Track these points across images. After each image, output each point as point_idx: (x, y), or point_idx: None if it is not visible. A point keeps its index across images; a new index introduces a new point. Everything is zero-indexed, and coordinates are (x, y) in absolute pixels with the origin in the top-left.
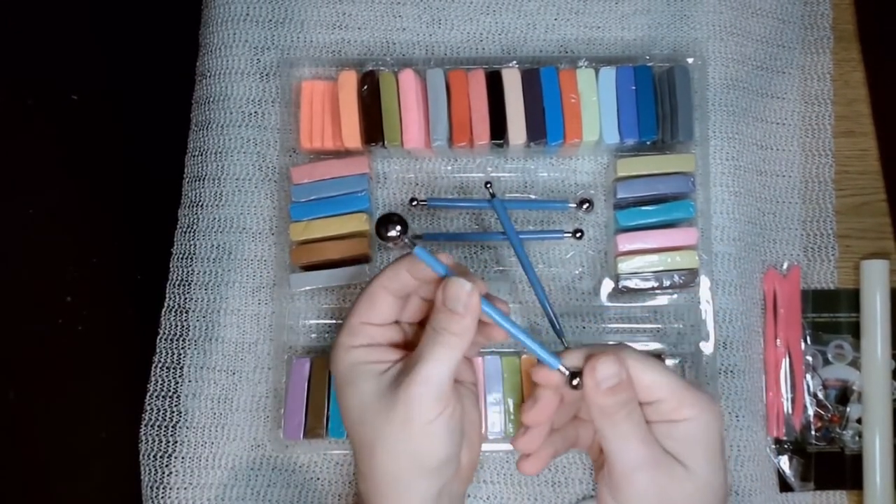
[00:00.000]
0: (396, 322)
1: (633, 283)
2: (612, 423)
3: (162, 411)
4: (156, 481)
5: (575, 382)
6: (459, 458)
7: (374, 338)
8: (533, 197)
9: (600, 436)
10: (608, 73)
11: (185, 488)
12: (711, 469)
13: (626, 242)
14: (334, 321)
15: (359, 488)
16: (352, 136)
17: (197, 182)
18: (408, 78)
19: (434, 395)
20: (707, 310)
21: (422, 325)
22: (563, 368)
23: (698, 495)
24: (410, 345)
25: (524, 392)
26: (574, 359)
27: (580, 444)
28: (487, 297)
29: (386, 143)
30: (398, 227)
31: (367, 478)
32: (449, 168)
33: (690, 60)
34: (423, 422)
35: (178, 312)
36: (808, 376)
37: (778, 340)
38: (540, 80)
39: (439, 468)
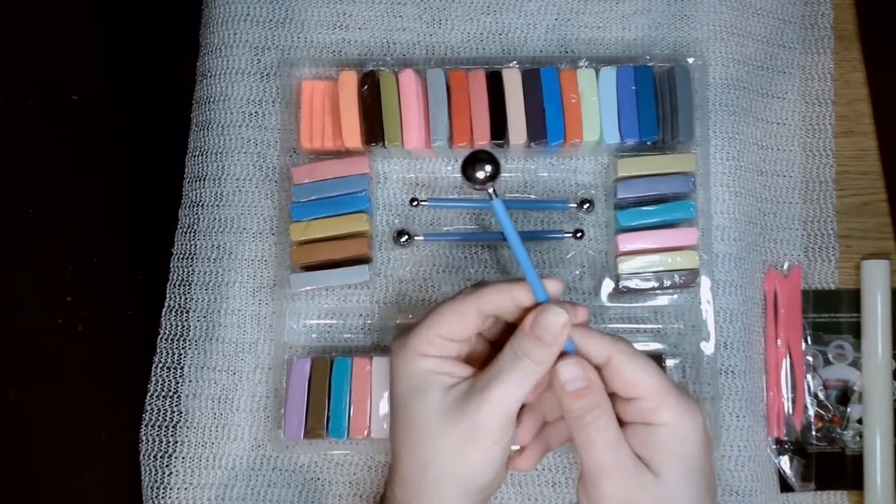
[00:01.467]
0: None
1: (633, 284)
2: (578, 426)
3: (162, 411)
4: (156, 481)
5: (480, 175)
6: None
7: (448, 351)
8: (533, 197)
9: (573, 436)
10: (609, 73)
11: (186, 488)
12: (684, 482)
13: (626, 242)
14: (334, 321)
15: (394, 492)
16: (352, 136)
17: (197, 182)
18: (408, 78)
19: (501, 421)
20: (707, 310)
21: (493, 344)
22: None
23: (662, 501)
24: (476, 359)
25: None
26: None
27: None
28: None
29: (386, 143)
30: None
31: (410, 486)
32: (449, 168)
33: (691, 60)
34: (485, 446)
35: (178, 312)
36: (809, 376)
37: (778, 340)
38: (540, 80)
39: (484, 489)
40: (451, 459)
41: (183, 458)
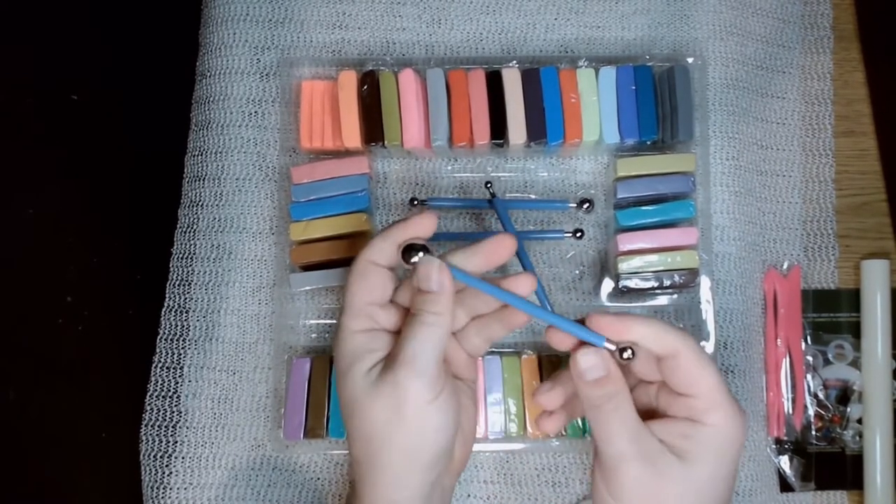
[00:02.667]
0: (397, 305)
1: (633, 283)
2: (598, 414)
3: (162, 411)
4: (156, 481)
5: (626, 356)
6: (453, 452)
7: (377, 321)
8: (533, 197)
9: (593, 428)
10: (608, 73)
11: (186, 488)
12: (715, 479)
13: (626, 242)
14: (334, 321)
15: (352, 476)
16: (352, 136)
17: (197, 182)
18: (408, 78)
19: (421, 376)
20: (707, 310)
21: None
22: (608, 346)
23: (692, 494)
24: None
25: (524, 392)
26: (599, 322)
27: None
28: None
29: (386, 143)
30: (420, 254)
31: (362, 466)
32: (449, 168)
33: (690, 60)
34: (414, 410)
35: (178, 312)
36: (809, 376)
37: (778, 340)
38: (540, 80)
39: (435, 459)
40: (388, 429)
41: (183, 458)
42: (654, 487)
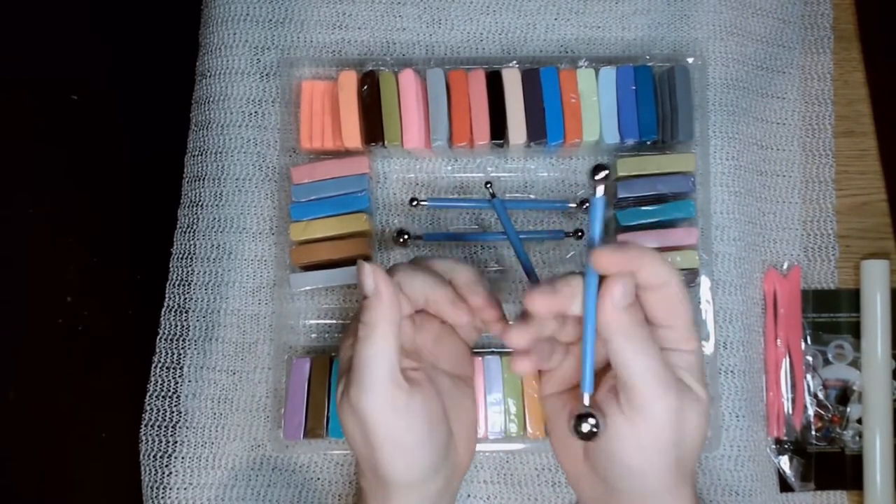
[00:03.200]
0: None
1: None
2: (627, 341)
3: (162, 411)
4: (156, 481)
5: (585, 429)
6: (454, 455)
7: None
8: (533, 197)
9: (619, 359)
10: (608, 73)
11: (185, 488)
12: (702, 396)
13: (627, 240)
14: (334, 321)
15: (360, 484)
16: (352, 136)
17: (197, 182)
18: (408, 78)
19: (370, 392)
20: (707, 310)
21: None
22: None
23: (702, 419)
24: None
25: (524, 392)
26: (604, 258)
27: (547, 363)
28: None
29: (386, 143)
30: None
31: (368, 478)
32: (449, 168)
33: (690, 60)
34: (379, 425)
35: (178, 312)
36: (809, 376)
37: (778, 340)
38: (540, 80)
39: (422, 481)
40: (369, 452)
41: (183, 458)
42: (682, 416)
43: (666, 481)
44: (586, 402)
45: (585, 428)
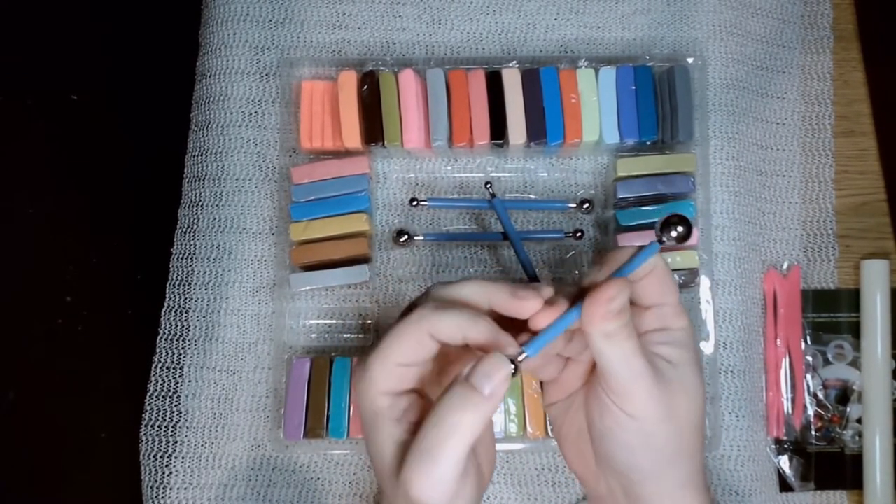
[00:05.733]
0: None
1: None
2: (613, 343)
3: (162, 411)
4: (156, 481)
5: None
6: (482, 476)
7: (406, 382)
8: (533, 197)
9: (600, 357)
10: (608, 73)
11: (186, 488)
12: (697, 372)
13: (626, 242)
14: (334, 321)
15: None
16: (352, 136)
17: (197, 182)
18: (408, 78)
19: (436, 483)
20: (707, 310)
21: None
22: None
23: (690, 394)
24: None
25: (524, 392)
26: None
27: (547, 374)
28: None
29: (386, 143)
30: (679, 228)
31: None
32: (449, 168)
33: (690, 60)
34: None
35: (178, 312)
36: (809, 376)
37: (778, 340)
38: (540, 80)
39: (475, 490)
40: None
41: (183, 458)
42: (667, 394)
43: (672, 462)
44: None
45: (674, 233)
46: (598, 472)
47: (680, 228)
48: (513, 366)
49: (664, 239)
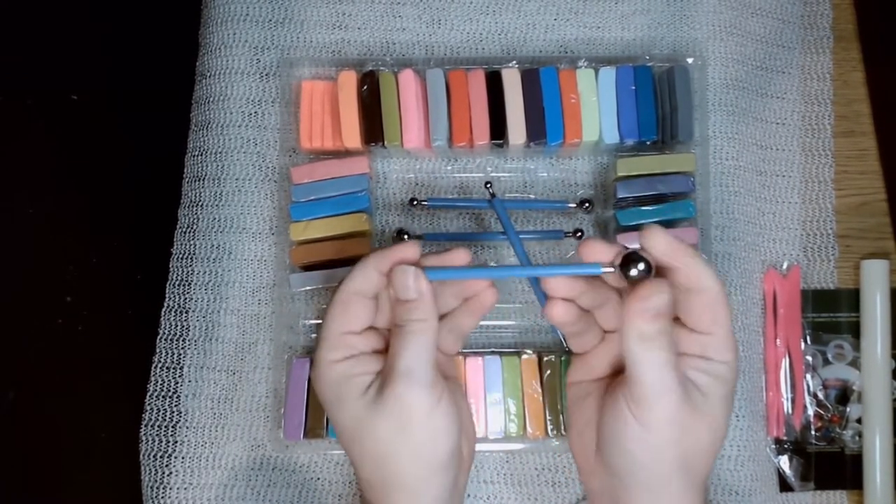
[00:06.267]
0: (374, 329)
1: None
2: (647, 348)
3: (162, 411)
4: (156, 481)
5: (634, 273)
6: (462, 451)
7: (356, 347)
8: (533, 197)
9: (632, 358)
10: (608, 73)
11: (185, 488)
12: (725, 410)
13: (626, 242)
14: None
15: (366, 499)
16: (352, 136)
17: (197, 182)
18: (408, 78)
19: (421, 389)
20: None
21: None
22: (607, 270)
23: (711, 427)
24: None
25: (524, 392)
26: (650, 239)
27: (580, 343)
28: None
29: (386, 143)
30: (641, 266)
31: (376, 487)
32: (449, 168)
33: (690, 60)
34: (420, 416)
35: (178, 312)
36: (808, 376)
37: (778, 340)
38: (540, 80)
39: (447, 462)
40: (400, 445)
41: (183, 458)
42: (688, 420)
43: (671, 480)
44: (608, 269)
45: (634, 272)
46: (595, 466)
47: (641, 266)
48: (421, 269)
49: (629, 274)
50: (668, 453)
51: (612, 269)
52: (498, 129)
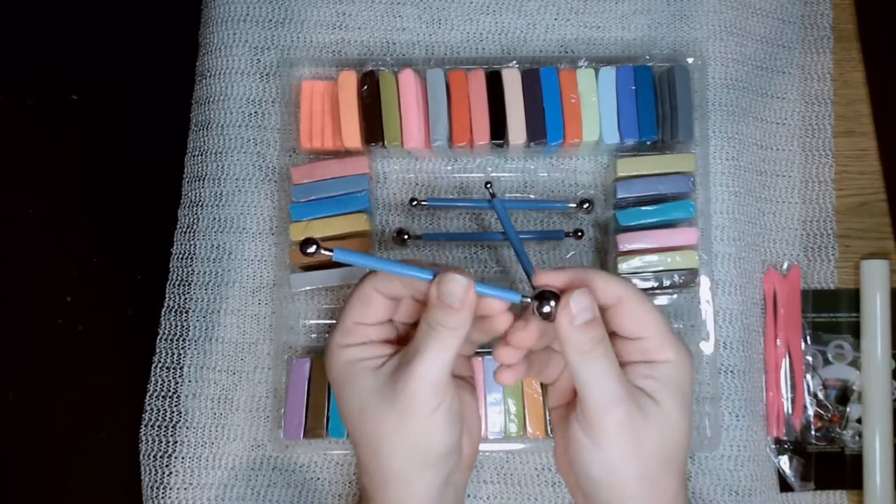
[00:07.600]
0: (390, 321)
1: None
2: (586, 360)
3: (162, 411)
4: (156, 481)
5: (546, 310)
6: (461, 448)
7: (369, 336)
8: (533, 197)
9: (573, 373)
10: (608, 73)
11: (185, 488)
12: (681, 410)
13: (626, 242)
14: (334, 321)
15: (362, 483)
16: (352, 136)
17: (197, 182)
18: (408, 78)
19: (432, 390)
20: (707, 310)
21: (415, 324)
22: (524, 300)
23: (668, 433)
24: (403, 340)
25: (524, 392)
26: (545, 278)
27: (546, 375)
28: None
29: (386, 143)
30: (314, 247)
31: (371, 473)
32: (449, 168)
33: (690, 60)
34: (423, 415)
35: (178, 312)
36: (808, 376)
37: (778, 340)
38: (540, 80)
39: (442, 459)
40: (397, 434)
41: (183, 458)
42: (638, 430)
43: (633, 496)
44: (526, 300)
45: (546, 309)
46: (574, 485)
47: (552, 303)
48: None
49: (542, 310)
50: (624, 469)
51: (528, 300)
52: (498, 129)
